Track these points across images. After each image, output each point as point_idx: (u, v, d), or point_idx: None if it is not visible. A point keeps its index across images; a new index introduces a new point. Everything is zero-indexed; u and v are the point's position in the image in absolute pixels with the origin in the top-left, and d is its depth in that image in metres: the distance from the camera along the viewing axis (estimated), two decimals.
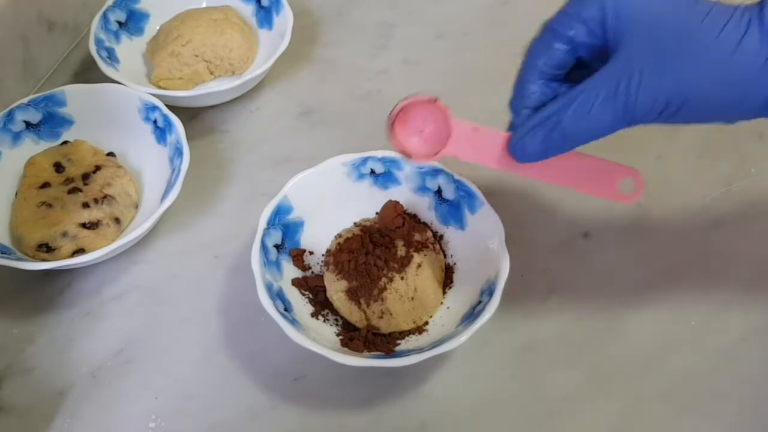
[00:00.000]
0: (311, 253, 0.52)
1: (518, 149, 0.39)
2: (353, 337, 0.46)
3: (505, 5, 0.72)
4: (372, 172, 0.52)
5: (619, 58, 0.36)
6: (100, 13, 0.63)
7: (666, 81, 0.34)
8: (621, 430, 0.45)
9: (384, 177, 0.52)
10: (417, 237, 0.50)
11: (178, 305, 0.51)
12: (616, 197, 0.42)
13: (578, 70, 0.39)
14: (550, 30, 0.39)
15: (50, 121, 0.57)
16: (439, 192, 0.52)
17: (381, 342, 0.47)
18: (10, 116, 0.56)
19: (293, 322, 0.45)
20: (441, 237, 0.52)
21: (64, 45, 0.67)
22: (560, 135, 0.37)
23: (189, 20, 0.63)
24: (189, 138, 0.54)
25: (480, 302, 0.46)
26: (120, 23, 0.65)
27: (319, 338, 0.45)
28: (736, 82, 0.34)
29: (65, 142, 0.57)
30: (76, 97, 0.57)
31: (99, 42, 0.61)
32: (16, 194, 0.54)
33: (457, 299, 0.49)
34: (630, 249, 0.53)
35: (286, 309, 0.46)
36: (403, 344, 0.47)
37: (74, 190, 0.53)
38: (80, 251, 0.51)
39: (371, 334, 0.47)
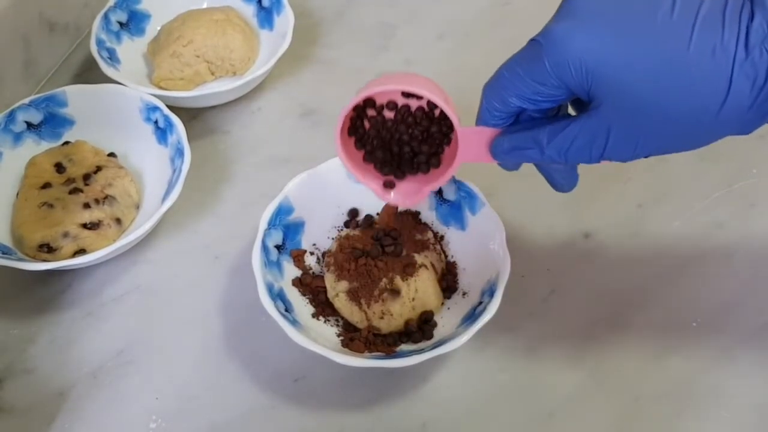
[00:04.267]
0: (312, 253, 0.52)
1: (502, 164, 0.41)
2: (354, 337, 0.46)
3: (506, 5, 0.72)
4: None
5: (596, 113, 0.35)
6: (102, 13, 0.63)
7: (643, 146, 0.35)
8: (621, 430, 0.45)
9: None
10: (418, 237, 0.50)
11: (179, 306, 0.51)
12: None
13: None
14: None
15: (51, 121, 0.57)
16: (440, 192, 0.51)
17: (382, 342, 0.47)
18: (11, 117, 0.56)
19: (294, 322, 0.45)
20: (442, 237, 0.52)
21: (65, 45, 0.67)
22: (539, 157, 0.38)
23: (190, 21, 0.63)
24: (190, 138, 0.54)
25: (481, 303, 0.46)
26: (121, 24, 0.65)
27: (319, 339, 0.45)
28: (722, 133, 0.34)
29: (66, 143, 0.57)
30: (77, 97, 0.57)
31: (100, 42, 0.61)
32: (17, 194, 0.54)
33: (458, 300, 0.49)
34: (630, 249, 0.53)
35: (287, 309, 0.46)
36: (404, 345, 0.47)
37: (75, 191, 0.53)
38: (81, 251, 0.51)
39: (372, 334, 0.47)
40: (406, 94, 0.43)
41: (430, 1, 0.73)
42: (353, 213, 0.53)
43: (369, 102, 0.43)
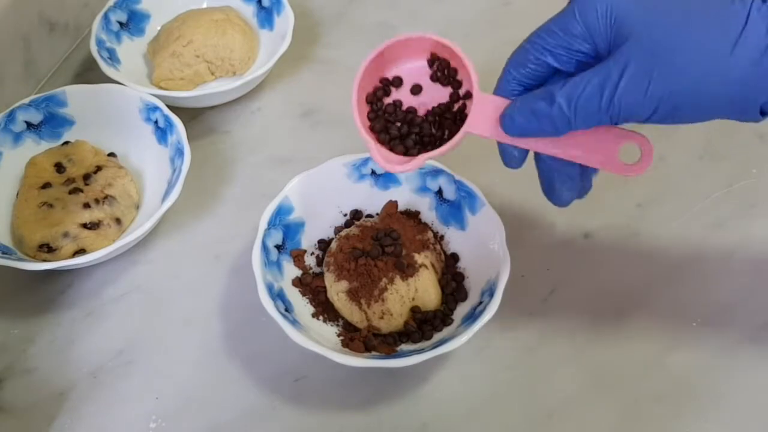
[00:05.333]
0: (312, 253, 0.52)
1: (508, 124, 0.39)
2: (354, 337, 0.47)
3: (506, 6, 0.72)
4: (373, 172, 0.52)
5: (613, 56, 0.35)
6: (102, 13, 0.63)
7: (655, 88, 0.34)
8: (621, 430, 0.45)
9: (384, 177, 0.52)
10: (418, 237, 0.50)
11: (179, 306, 0.51)
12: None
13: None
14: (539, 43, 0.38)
15: (51, 121, 0.57)
16: (439, 192, 0.52)
17: (382, 342, 0.47)
18: (11, 116, 0.56)
19: (294, 322, 0.45)
20: (442, 237, 0.52)
21: (65, 45, 0.67)
22: (548, 119, 0.37)
23: (190, 21, 0.63)
24: (190, 138, 0.54)
25: (481, 303, 0.46)
26: (121, 24, 0.65)
27: (319, 339, 0.45)
28: (735, 83, 0.34)
29: (66, 143, 0.57)
30: (77, 97, 0.57)
31: (100, 42, 0.61)
32: (17, 195, 0.54)
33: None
34: (630, 249, 0.53)
35: (287, 309, 0.46)
36: (404, 345, 0.47)
37: (75, 191, 0.53)
38: (81, 251, 0.51)
39: (372, 334, 0.47)
40: (434, 78, 0.43)
41: (430, 1, 0.73)
42: (355, 214, 0.53)
43: (396, 81, 0.43)
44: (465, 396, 0.47)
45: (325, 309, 0.49)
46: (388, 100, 0.44)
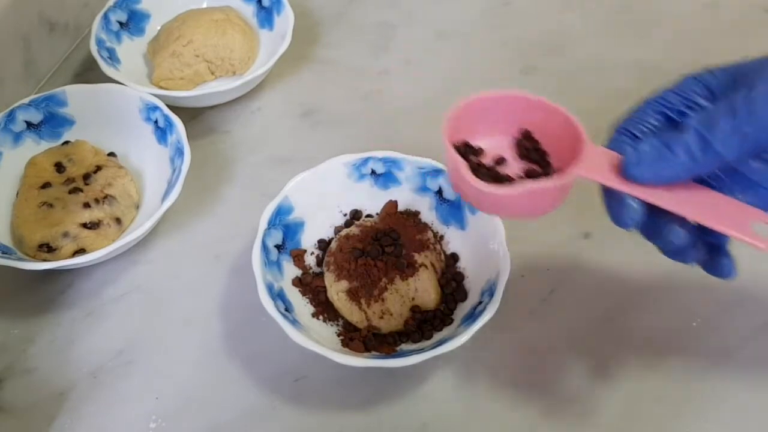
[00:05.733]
0: (312, 253, 0.52)
1: (632, 162, 0.35)
2: (354, 337, 0.47)
3: (505, 6, 0.72)
4: (373, 172, 0.52)
5: (740, 86, 0.34)
6: (101, 13, 0.63)
7: None
8: (621, 430, 0.45)
9: (385, 177, 0.52)
10: (417, 237, 0.50)
11: (179, 306, 0.51)
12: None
13: None
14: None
15: (51, 121, 0.57)
16: (439, 192, 0.52)
17: (382, 342, 0.47)
18: (11, 116, 0.56)
19: (294, 322, 0.45)
20: (441, 237, 0.52)
21: (65, 45, 0.67)
22: (682, 146, 0.34)
23: (190, 20, 0.63)
24: (190, 138, 0.54)
25: (480, 302, 0.46)
26: (121, 23, 0.65)
27: (319, 338, 0.45)
28: None
29: (66, 142, 0.57)
30: (77, 97, 0.57)
31: (100, 42, 0.61)
32: (17, 194, 0.54)
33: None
34: (630, 249, 0.53)
35: (287, 309, 0.46)
36: (404, 344, 0.47)
37: (75, 190, 0.53)
38: (81, 251, 0.51)
39: (372, 334, 0.47)
40: (522, 156, 0.39)
41: (430, 1, 0.73)
42: (355, 214, 0.53)
43: (479, 150, 0.39)
44: (465, 396, 0.47)
45: (325, 309, 0.49)
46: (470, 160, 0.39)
